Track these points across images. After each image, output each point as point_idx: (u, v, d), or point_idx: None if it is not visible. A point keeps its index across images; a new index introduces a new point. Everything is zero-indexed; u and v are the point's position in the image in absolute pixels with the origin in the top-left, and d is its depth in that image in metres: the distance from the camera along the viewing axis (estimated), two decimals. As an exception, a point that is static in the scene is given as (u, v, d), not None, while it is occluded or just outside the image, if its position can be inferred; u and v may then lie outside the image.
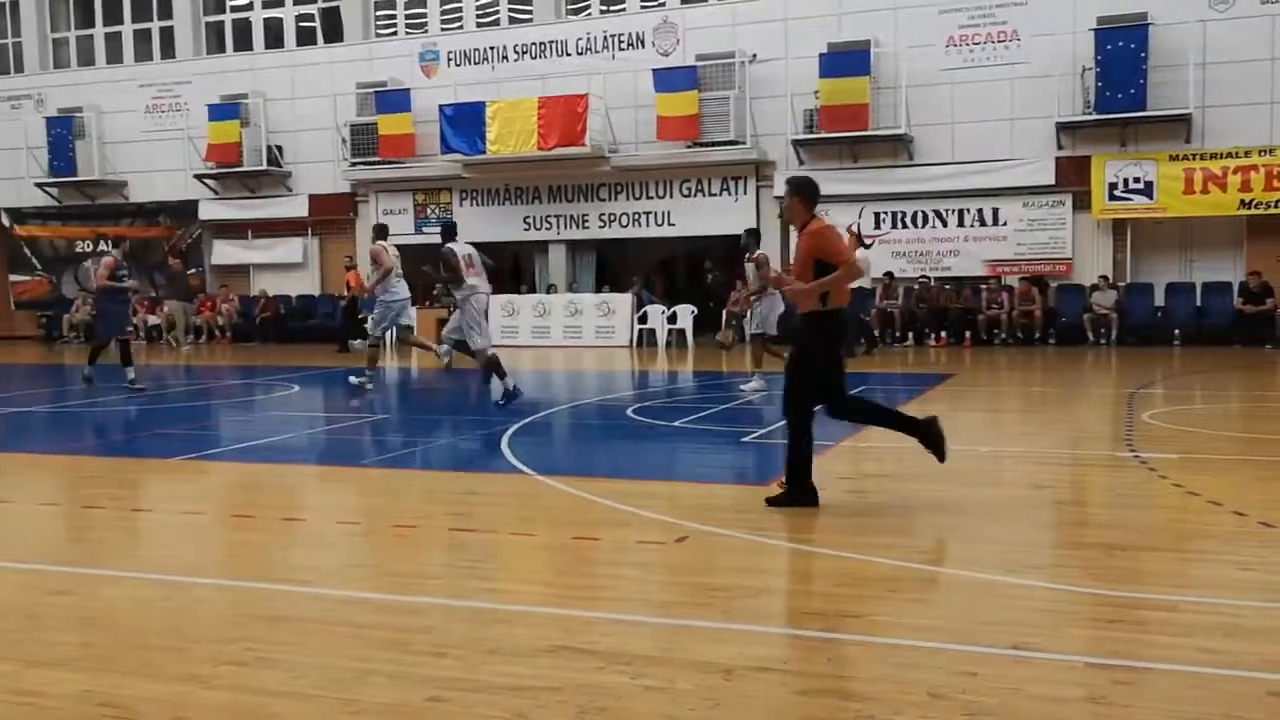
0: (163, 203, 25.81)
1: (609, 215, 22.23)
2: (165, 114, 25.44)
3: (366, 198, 23.98)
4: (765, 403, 11.82)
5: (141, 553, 6.15)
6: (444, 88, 22.79)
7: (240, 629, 4.50)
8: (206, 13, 26.02)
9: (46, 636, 4.47)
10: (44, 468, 9.10)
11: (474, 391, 13.78)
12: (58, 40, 27.57)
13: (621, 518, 6.39)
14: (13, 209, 27.07)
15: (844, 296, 6.69)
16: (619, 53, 21.88)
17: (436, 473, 8.73)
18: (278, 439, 10.39)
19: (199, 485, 8.19)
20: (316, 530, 6.58)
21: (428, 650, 4.15)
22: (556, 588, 5.18)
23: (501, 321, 22.05)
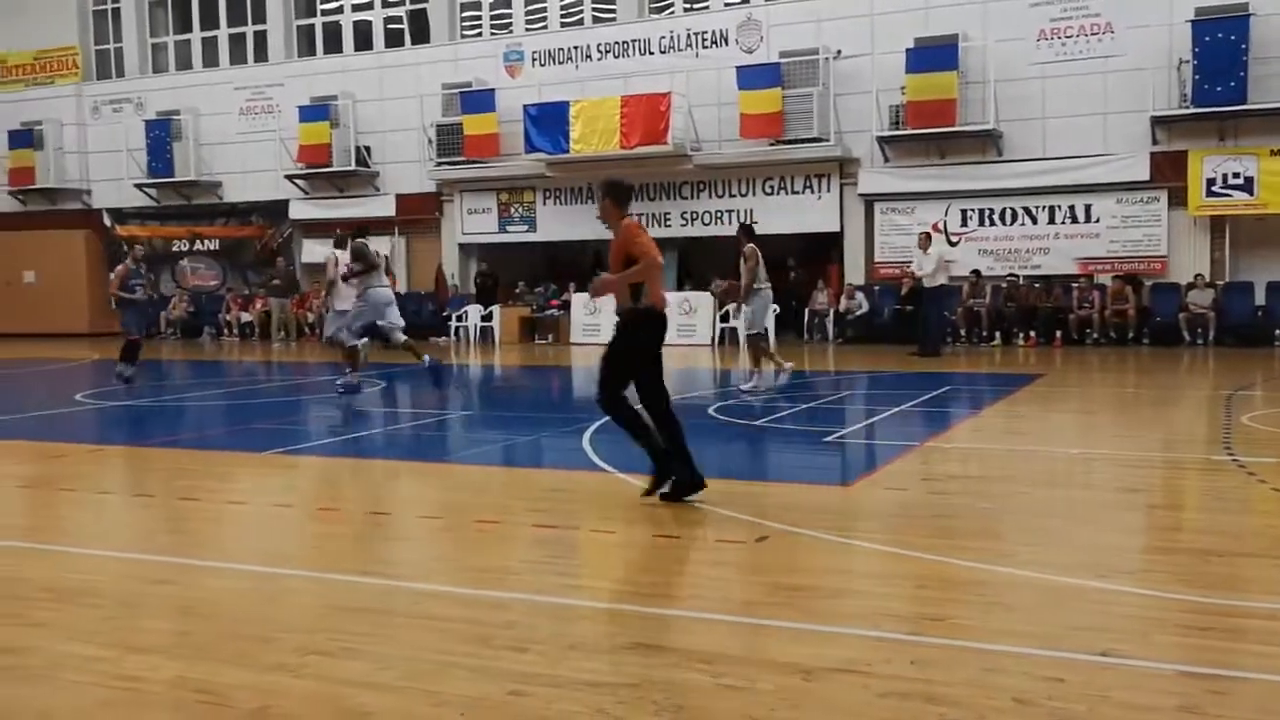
0: (255, 202, 26.45)
1: (691, 213, 22.21)
2: (258, 116, 26.06)
3: (451, 197, 24.29)
4: (810, 401, 11.71)
5: (233, 544, 6.32)
6: (528, 87, 22.99)
7: (327, 620, 4.59)
8: (298, 16, 26.59)
9: (145, 624, 4.61)
10: (141, 460, 9.40)
11: (556, 389, 13.87)
12: (157, 45, 28.41)
13: (701, 517, 6.38)
14: (114, 209, 27.97)
15: (658, 296, 6.74)
16: (702, 51, 21.84)
17: (518, 469, 8.82)
18: (363, 434, 10.59)
19: (287, 479, 8.38)
20: (400, 524, 6.69)
21: (509, 645, 4.19)
22: (636, 585, 5.20)
23: (584, 320, 22.20)
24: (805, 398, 12.69)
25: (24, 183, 27.95)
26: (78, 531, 6.67)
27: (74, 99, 28.15)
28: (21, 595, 5.02)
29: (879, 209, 20.87)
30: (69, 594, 5.06)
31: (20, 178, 27.93)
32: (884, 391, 13.73)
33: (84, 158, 28.21)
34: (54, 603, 4.90)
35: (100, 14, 28.65)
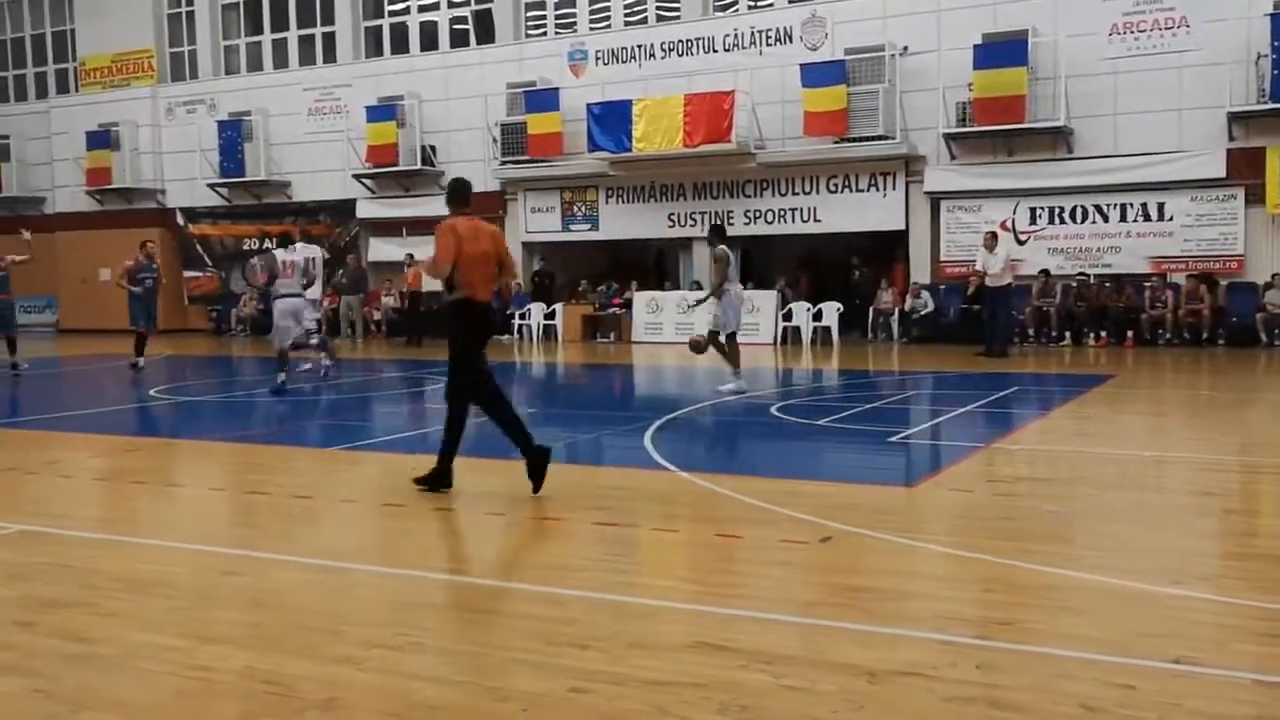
0: (323, 202, 26.83)
1: (754, 212, 22.11)
2: (326, 116, 26.44)
3: (515, 196, 24.44)
4: (846, 401, 11.59)
5: (301, 537, 6.41)
6: (592, 86, 23.05)
7: (392, 614, 4.65)
8: (366, 17, 26.93)
9: (215, 615, 4.70)
10: (213, 454, 9.59)
11: (617, 387, 13.90)
12: (229, 47, 28.94)
13: (764, 516, 6.35)
14: (187, 208, 28.56)
15: (471, 289, 7.13)
16: (766, 48, 21.74)
17: (581, 467, 8.83)
18: (427, 431, 10.68)
19: (354, 474, 8.49)
20: (464, 520, 6.74)
21: (571, 642, 4.20)
22: (698, 584, 5.19)
23: (645, 318, 22.21)
24: (869, 397, 12.58)
25: (101, 183, 28.65)
26: (150, 523, 6.82)
27: (149, 101, 28.78)
28: (97, 585, 5.15)
29: (945, 207, 20.61)
30: (142, 585, 5.17)
31: (97, 178, 28.64)
32: (949, 392, 13.56)
33: (158, 158, 28.84)
34: (128, 593, 5.02)
35: (175, 17, 29.27)
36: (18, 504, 7.32)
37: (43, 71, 31.60)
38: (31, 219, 29.96)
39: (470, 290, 7.15)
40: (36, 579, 5.28)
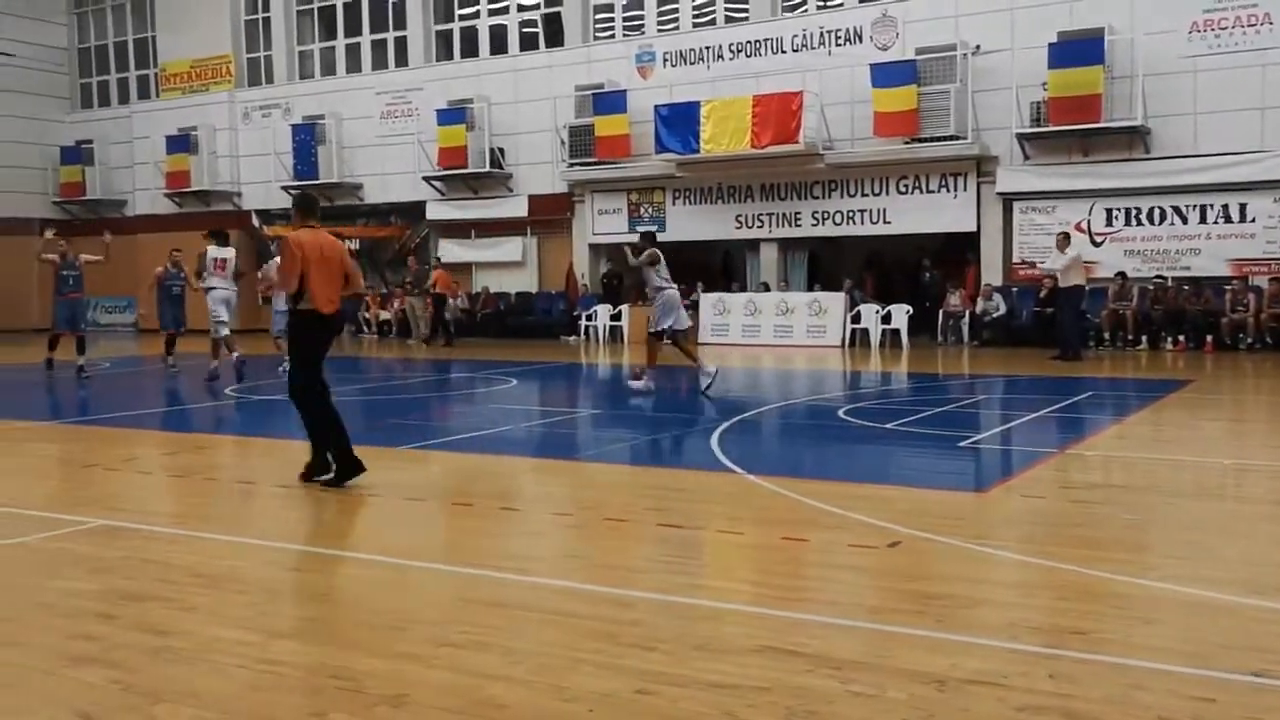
0: (394, 204, 27.20)
1: (822, 213, 21.96)
2: (398, 119, 26.79)
3: (582, 197, 24.55)
4: (908, 404, 11.40)
5: (370, 536, 6.49)
6: (659, 88, 23.07)
7: (459, 612, 4.68)
8: (437, 22, 27.23)
9: (287, 610, 4.78)
10: (281, 452, 9.74)
11: (684, 389, 13.90)
12: (303, 52, 29.46)
13: (831, 520, 6.30)
14: (262, 210, 29.12)
15: (319, 302, 7.45)
16: (835, 48, 21.59)
17: (646, 468, 8.85)
18: (495, 431, 10.77)
19: (422, 473, 8.58)
20: (531, 520, 6.78)
21: (636, 643, 4.20)
22: (764, 587, 5.16)
23: (712, 320, 22.17)
24: (939, 401, 12.42)
25: (180, 186, 29.33)
26: (223, 519, 6.95)
27: (227, 105, 29.40)
28: (173, 580, 5.26)
29: (1018, 208, 20.29)
30: (216, 579, 5.27)
31: (176, 181, 29.32)
32: (1022, 396, 13.34)
33: (235, 161, 29.45)
34: (203, 587, 5.12)
35: (252, 24, 29.86)
36: (98, 499, 7.51)
37: (125, 78, 32.45)
38: (113, 221, 30.81)
39: (313, 301, 7.46)
40: (116, 572, 5.42)
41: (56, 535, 6.23)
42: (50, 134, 31.95)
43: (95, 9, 32.89)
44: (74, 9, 33.12)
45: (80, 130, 31.94)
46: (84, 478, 8.42)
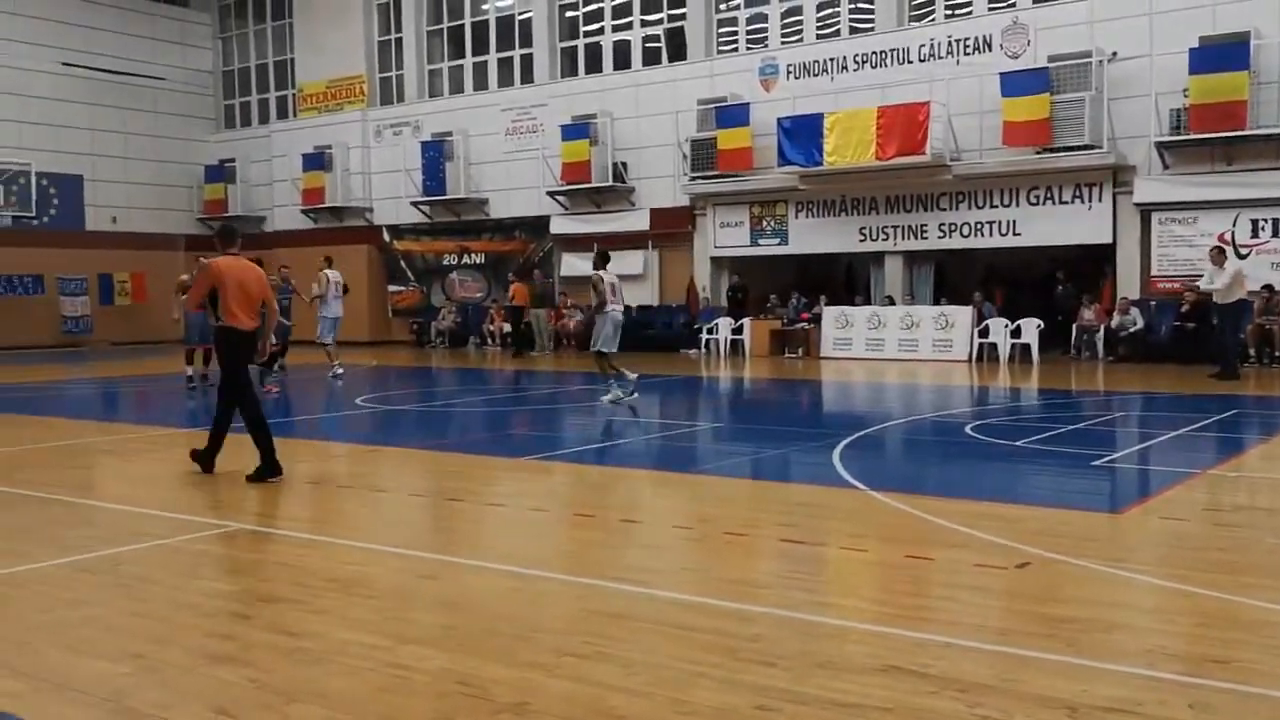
0: (519, 218, 27.66)
1: (949, 225, 21.53)
2: (523, 135, 27.26)
3: (704, 211, 24.57)
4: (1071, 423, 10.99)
5: (495, 544, 6.60)
6: (782, 100, 22.96)
7: (581, 623, 4.72)
8: (562, 39, 27.65)
9: (415, 616, 4.89)
10: (413, 461, 9.99)
11: (806, 403, 13.76)
12: (433, 71, 30.23)
13: (957, 538, 6.16)
14: (392, 226, 29.95)
15: (233, 318, 8.43)
16: (964, 57, 21.17)
17: (767, 483, 8.79)
18: (616, 443, 10.84)
19: (544, 484, 8.68)
20: (651, 533, 6.80)
21: (756, 658, 4.17)
22: (888, 606, 5.07)
23: (834, 334, 21.94)
24: (1072, 418, 12.04)
25: (315, 202, 30.37)
26: (355, 526, 7.15)
27: (360, 124, 30.34)
28: (306, 583, 5.43)
29: (1156, 219, 19.56)
30: (347, 584, 5.43)
31: (312, 197, 30.37)
32: (1161, 414, 12.84)
33: (367, 178, 30.35)
34: (334, 592, 5.27)
35: (384, 44, 30.78)
36: (237, 504, 7.80)
37: (265, 98, 33.78)
38: (252, 237, 32.08)
39: (231, 319, 8.46)
40: (253, 575, 5.62)
41: (198, 538, 6.50)
42: (196, 153, 33.47)
43: (239, 34, 34.35)
44: (219, 34, 34.66)
45: (223, 149, 33.36)
46: (222, 483, 8.75)
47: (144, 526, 7.00)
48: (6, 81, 28.97)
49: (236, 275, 8.48)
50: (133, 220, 32.08)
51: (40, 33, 30.13)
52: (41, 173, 25.80)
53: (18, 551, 6.20)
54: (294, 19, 32.20)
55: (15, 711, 3.75)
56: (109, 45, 31.61)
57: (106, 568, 5.83)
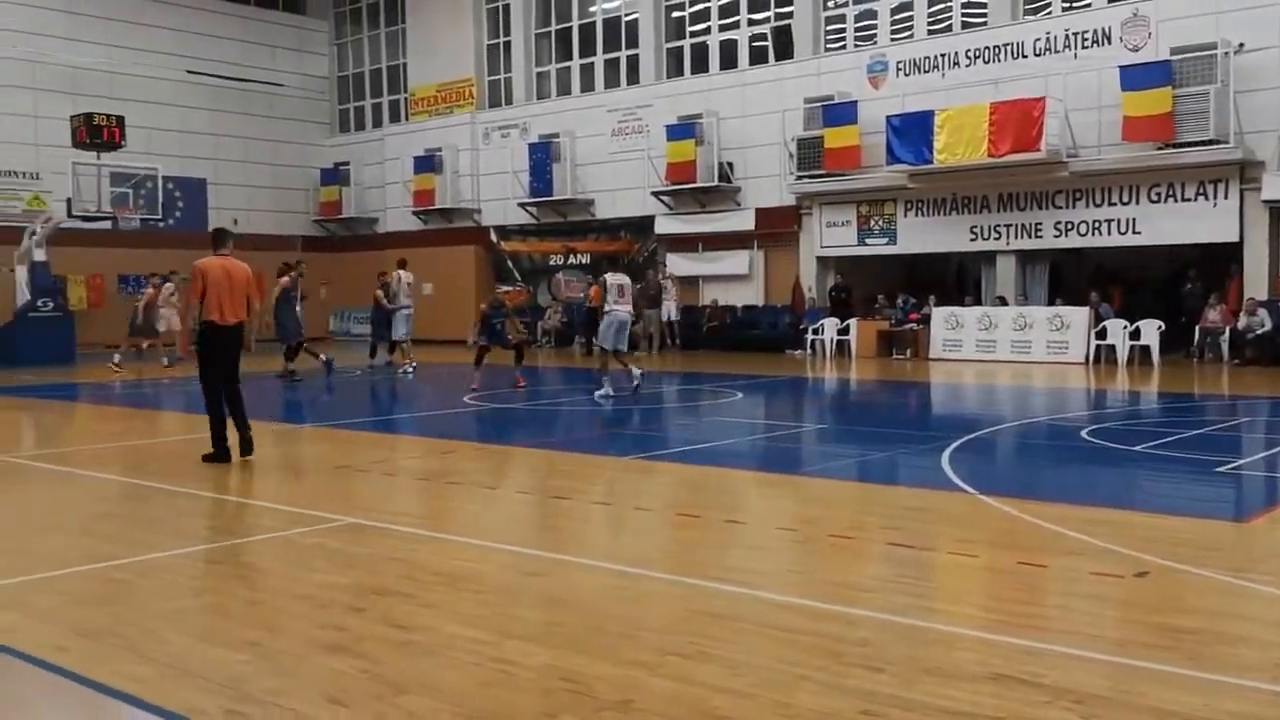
0: (624, 219, 27.79)
1: (1065, 223, 20.94)
2: (628, 136, 27.37)
3: (810, 210, 24.35)
4: (1175, 427, 10.58)
5: (600, 543, 6.64)
6: (891, 98, 22.62)
7: (685, 623, 4.72)
8: (668, 39, 27.69)
9: (520, 613, 4.95)
10: (520, 459, 10.12)
11: (913, 405, 13.55)
12: (540, 74, 30.57)
13: (1072, 545, 5.99)
14: (499, 227, 30.37)
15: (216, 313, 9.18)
16: (1081, 51, 20.57)
17: (874, 485, 8.67)
18: (721, 443, 10.81)
19: (650, 483, 8.71)
20: (756, 534, 6.76)
21: (861, 663, 4.12)
22: (998, 613, 4.95)
23: (944, 335, 21.54)
24: (1194, 423, 11.62)
25: (425, 204, 30.97)
26: (463, 522, 7.27)
27: (469, 127, 30.84)
28: (416, 577, 5.54)
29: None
30: (456, 579, 5.52)
31: (422, 199, 30.97)
32: (1289, 419, 12.30)
33: (476, 180, 30.83)
34: (443, 586, 5.37)
35: (493, 48, 31.23)
36: (349, 499, 8.00)
37: (379, 103, 34.56)
38: (364, 238, 32.88)
39: (213, 314, 9.19)
40: (365, 568, 5.75)
41: (313, 531, 6.68)
42: (312, 157, 34.42)
43: (354, 40, 35.21)
44: (335, 40, 35.57)
45: (338, 153, 34.24)
46: (337, 478, 8.99)
47: (262, 519, 7.22)
48: (135, 90, 30.19)
49: (224, 274, 9.29)
50: (252, 222, 33.06)
51: (166, 42, 31.33)
52: (168, 177, 26.74)
53: (147, 541, 6.46)
54: (407, 24, 32.89)
55: (144, 695, 3.90)
56: (230, 53, 32.70)
57: (227, 558, 6.03)
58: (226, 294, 9.24)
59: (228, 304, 9.25)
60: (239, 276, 9.37)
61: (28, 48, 28.59)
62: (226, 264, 9.36)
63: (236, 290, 9.31)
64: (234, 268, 9.38)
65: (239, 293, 9.33)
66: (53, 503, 8.03)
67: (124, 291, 29.66)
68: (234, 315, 9.31)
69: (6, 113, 28.16)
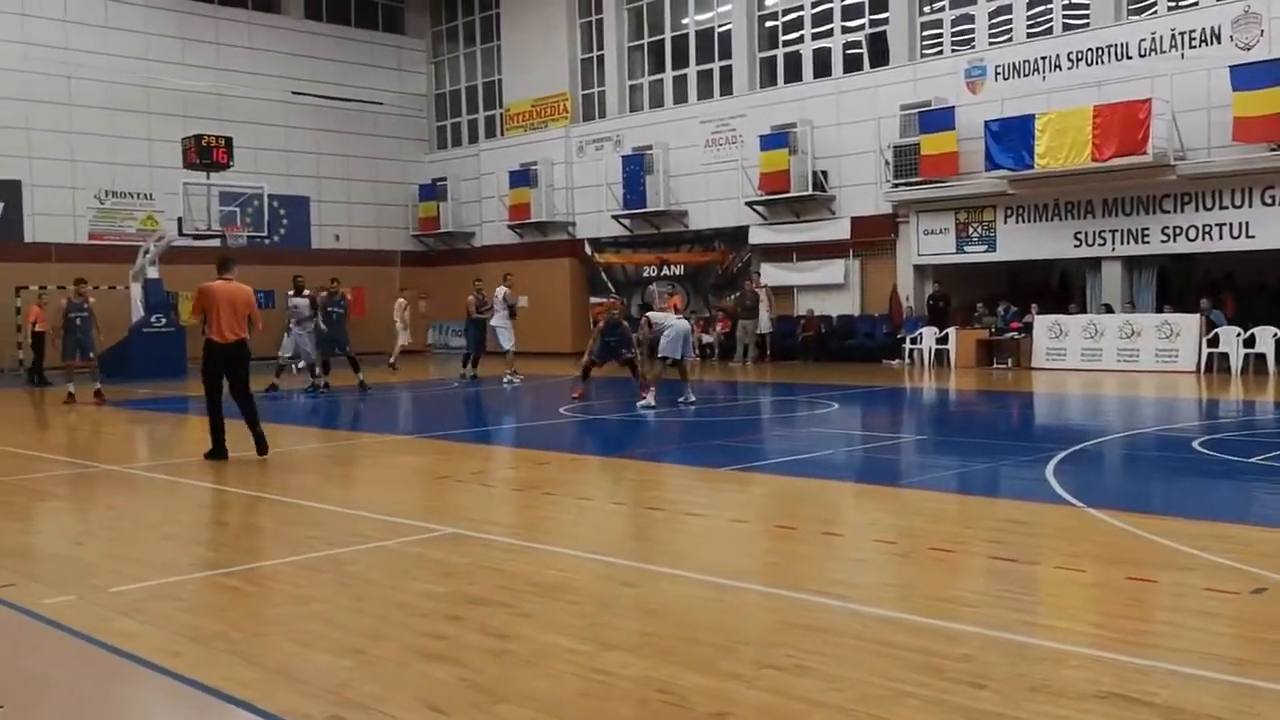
0: (717, 229, 27.73)
1: (1173, 228, 20.30)
2: (722, 146, 27.33)
3: (907, 218, 24.02)
4: None
5: (695, 554, 6.62)
6: (990, 103, 22.22)
7: (781, 635, 4.68)
8: (761, 49, 27.62)
9: (616, 623, 4.96)
10: (614, 470, 10.15)
11: (1015, 416, 13.26)
12: (634, 86, 30.73)
13: (1184, 560, 5.79)
14: (593, 239, 30.58)
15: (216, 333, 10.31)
16: (1188, 51, 19.96)
17: (975, 497, 8.49)
18: (817, 454, 10.71)
19: (745, 495, 8.66)
20: (853, 546, 6.68)
21: (964, 679, 4.03)
22: (1107, 630, 4.80)
23: (1047, 343, 21.05)
24: (1313, 434, 11.14)
25: (520, 217, 31.34)
26: (558, 532, 7.32)
27: (563, 140, 31.14)
28: (513, 587, 5.59)
29: None
30: (551, 589, 5.55)
31: (518, 213, 31.35)
32: None
33: (570, 193, 31.10)
34: (539, 596, 5.41)
35: (587, 62, 31.51)
36: (448, 509, 8.12)
37: (474, 119, 35.12)
38: (462, 252, 33.38)
39: (213, 333, 10.30)
40: (463, 577, 5.83)
41: (412, 540, 6.79)
42: (411, 173, 35.11)
43: (450, 57, 35.86)
44: (432, 58, 36.27)
45: (436, 169, 34.86)
46: (436, 489, 9.12)
47: (363, 529, 7.37)
48: (242, 111, 31.16)
49: (227, 296, 10.35)
50: (354, 238, 33.92)
51: (271, 65, 32.28)
52: (273, 195, 27.55)
53: (255, 550, 6.64)
54: (502, 41, 33.38)
55: (251, 699, 4.00)
56: (332, 74, 33.55)
57: (331, 566, 6.16)
58: (230, 316, 10.33)
59: (227, 324, 10.33)
60: (240, 299, 10.43)
61: (144, 74, 29.75)
62: (230, 288, 10.46)
63: (239, 311, 10.38)
64: (236, 291, 10.46)
65: (240, 314, 10.40)
66: (166, 512, 8.30)
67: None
68: (233, 334, 10.38)
69: (123, 136, 29.32)
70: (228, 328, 10.35)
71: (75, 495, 9.18)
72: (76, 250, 28.18)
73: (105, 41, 29.26)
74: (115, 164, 29.22)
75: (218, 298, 10.36)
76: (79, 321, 18.14)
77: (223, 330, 10.34)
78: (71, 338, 18.07)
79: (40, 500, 8.95)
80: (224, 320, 10.33)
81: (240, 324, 10.44)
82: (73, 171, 28.70)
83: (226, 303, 10.35)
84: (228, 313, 10.33)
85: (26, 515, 8.27)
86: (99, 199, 29.24)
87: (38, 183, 28.14)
